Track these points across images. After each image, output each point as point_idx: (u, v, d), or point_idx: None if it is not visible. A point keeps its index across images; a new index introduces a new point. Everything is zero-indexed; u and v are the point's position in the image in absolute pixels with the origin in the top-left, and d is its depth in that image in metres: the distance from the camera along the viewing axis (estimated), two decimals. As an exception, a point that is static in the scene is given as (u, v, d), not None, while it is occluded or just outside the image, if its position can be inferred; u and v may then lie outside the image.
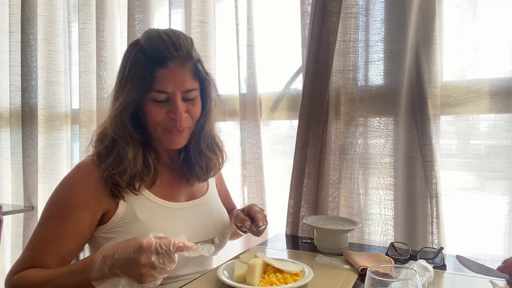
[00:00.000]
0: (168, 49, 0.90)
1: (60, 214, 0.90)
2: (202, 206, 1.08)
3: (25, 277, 0.86)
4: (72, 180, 0.95)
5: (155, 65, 0.90)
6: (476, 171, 1.30)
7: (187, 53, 0.93)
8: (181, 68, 0.93)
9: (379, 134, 1.38)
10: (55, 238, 0.88)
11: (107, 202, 0.94)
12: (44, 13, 2.13)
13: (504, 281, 0.84)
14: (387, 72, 1.37)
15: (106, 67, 1.95)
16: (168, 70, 0.91)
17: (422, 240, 1.30)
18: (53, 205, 0.93)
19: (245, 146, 1.65)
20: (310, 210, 1.45)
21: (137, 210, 0.95)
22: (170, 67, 0.91)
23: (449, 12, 1.32)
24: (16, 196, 2.29)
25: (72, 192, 0.92)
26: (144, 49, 0.92)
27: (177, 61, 0.92)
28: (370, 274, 0.60)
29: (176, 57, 0.91)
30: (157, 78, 0.91)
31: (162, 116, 0.94)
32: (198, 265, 1.04)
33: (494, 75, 1.26)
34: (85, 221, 0.91)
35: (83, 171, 0.95)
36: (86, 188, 0.92)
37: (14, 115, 2.28)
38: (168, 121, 0.95)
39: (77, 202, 0.91)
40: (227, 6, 1.70)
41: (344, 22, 1.40)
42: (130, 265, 0.74)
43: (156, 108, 0.93)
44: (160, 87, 0.91)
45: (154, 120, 0.94)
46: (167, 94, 0.92)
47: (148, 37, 0.94)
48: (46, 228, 0.90)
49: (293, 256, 1.11)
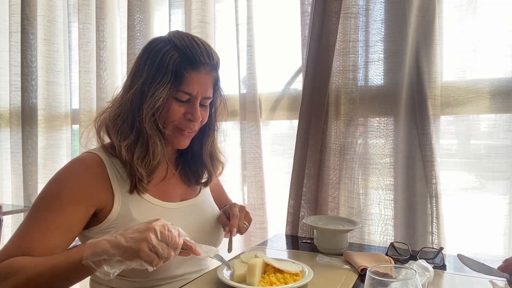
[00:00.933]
0: (203, 55, 0.95)
1: (50, 206, 0.88)
2: (195, 207, 1.08)
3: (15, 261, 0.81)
4: (66, 174, 0.93)
5: (188, 67, 0.94)
6: (476, 171, 1.30)
7: (216, 64, 0.99)
8: (208, 75, 0.98)
9: (379, 134, 1.38)
10: (44, 229, 0.86)
11: (102, 199, 0.92)
12: (44, 13, 2.13)
13: (504, 281, 0.84)
14: (387, 72, 1.37)
15: (106, 67, 1.95)
16: (199, 74, 0.95)
17: (422, 240, 1.30)
18: (44, 196, 0.90)
19: (245, 146, 1.65)
20: (310, 210, 1.45)
21: (132, 210, 0.94)
22: (201, 72, 0.96)
23: (449, 12, 1.32)
24: (16, 196, 2.29)
25: (65, 185, 0.90)
26: (178, 48, 0.94)
27: (207, 68, 0.97)
28: (370, 274, 0.60)
29: (208, 65, 0.96)
30: (187, 79, 0.94)
31: (179, 115, 0.97)
32: (194, 265, 1.05)
33: (494, 75, 1.26)
34: (76, 216, 0.89)
35: (81, 166, 0.94)
36: (81, 183, 0.91)
37: (14, 115, 2.28)
38: (183, 121, 0.98)
39: (70, 196, 0.89)
40: (227, 6, 1.70)
41: (344, 22, 1.40)
42: (139, 230, 0.78)
43: (176, 107, 0.96)
44: (187, 89, 0.94)
45: (171, 118, 0.96)
46: (190, 96, 0.96)
47: (181, 38, 0.96)
48: (35, 219, 0.87)
49: (293, 256, 1.11)
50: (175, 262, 0.96)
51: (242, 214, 1.08)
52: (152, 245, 0.76)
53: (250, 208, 1.63)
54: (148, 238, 0.76)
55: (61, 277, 0.79)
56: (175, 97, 0.95)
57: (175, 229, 0.81)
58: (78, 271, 0.78)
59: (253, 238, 1.63)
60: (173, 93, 0.94)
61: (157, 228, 0.78)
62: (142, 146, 0.94)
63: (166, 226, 0.79)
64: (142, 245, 0.75)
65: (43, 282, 0.79)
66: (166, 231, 0.79)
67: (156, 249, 0.76)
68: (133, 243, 0.76)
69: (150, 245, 0.76)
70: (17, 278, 0.78)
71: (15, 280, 0.78)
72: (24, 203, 2.19)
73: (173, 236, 0.79)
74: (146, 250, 0.75)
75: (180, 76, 0.93)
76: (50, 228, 0.86)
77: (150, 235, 0.76)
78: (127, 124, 0.95)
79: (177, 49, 0.94)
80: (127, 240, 0.77)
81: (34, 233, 0.85)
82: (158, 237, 0.77)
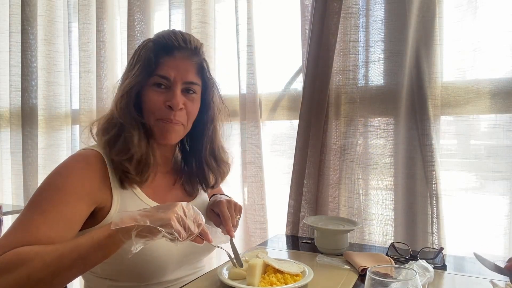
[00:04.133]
0: (177, 40, 0.95)
1: (54, 198, 0.84)
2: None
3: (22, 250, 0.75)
4: (69, 169, 0.90)
5: (162, 52, 0.95)
6: (476, 171, 1.30)
7: (195, 48, 0.98)
8: (186, 60, 0.96)
9: (379, 134, 1.38)
10: (50, 220, 0.81)
11: (102, 197, 0.90)
12: (44, 13, 2.13)
13: (505, 281, 0.84)
14: (387, 72, 1.37)
15: (106, 67, 1.95)
16: (174, 59, 0.95)
17: (422, 240, 1.30)
18: (46, 189, 0.86)
19: (245, 146, 1.64)
20: (310, 210, 1.45)
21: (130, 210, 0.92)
22: (176, 56, 0.95)
23: (449, 12, 1.32)
24: (16, 196, 2.29)
25: (69, 179, 0.87)
26: (154, 39, 0.97)
27: (184, 53, 0.96)
28: (370, 274, 0.60)
29: (184, 49, 0.96)
30: (161, 64, 0.94)
31: (159, 104, 0.94)
32: (190, 269, 1.04)
33: (494, 75, 1.26)
34: (79, 210, 0.86)
35: (83, 161, 0.91)
36: (84, 179, 0.88)
37: (14, 115, 2.28)
38: (164, 110, 0.95)
39: (73, 190, 0.86)
40: (227, 6, 1.70)
41: (344, 22, 1.40)
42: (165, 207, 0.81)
43: (155, 95, 0.95)
44: (162, 72, 0.94)
45: (151, 107, 0.95)
46: (167, 80, 0.94)
47: (162, 32, 0.99)
48: (38, 210, 0.82)
49: (293, 256, 1.11)
50: (171, 265, 0.96)
51: (231, 210, 1.03)
52: (181, 217, 0.78)
53: (250, 208, 1.63)
54: (176, 210, 0.79)
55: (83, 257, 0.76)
56: (153, 83, 0.94)
57: (195, 210, 0.84)
58: (102, 248, 0.76)
59: (253, 238, 1.63)
60: (149, 80, 0.94)
61: (183, 204, 0.81)
62: (122, 141, 0.93)
63: (190, 205, 0.83)
64: (171, 215, 0.77)
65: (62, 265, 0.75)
66: (191, 209, 0.82)
67: (184, 222, 0.78)
68: (163, 213, 0.78)
69: (179, 216, 0.78)
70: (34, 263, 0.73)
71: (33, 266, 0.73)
72: (24, 203, 2.19)
73: (196, 214, 0.82)
74: (175, 220, 0.77)
75: (154, 62, 0.94)
76: (55, 219, 0.82)
77: (177, 209, 0.79)
78: (109, 122, 0.96)
79: (153, 40, 0.97)
80: (156, 211, 0.79)
81: (39, 224, 0.80)
82: (184, 212, 0.80)
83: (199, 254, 1.05)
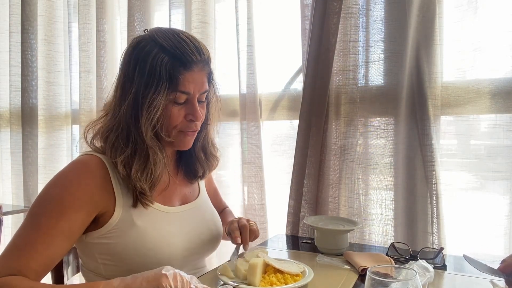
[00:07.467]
0: (193, 53, 0.91)
1: (52, 213, 0.84)
2: (195, 210, 1.07)
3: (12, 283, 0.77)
4: (68, 177, 0.89)
5: (181, 69, 0.90)
6: (477, 171, 1.30)
7: (207, 58, 0.96)
8: (201, 71, 0.95)
9: (379, 134, 1.38)
10: (44, 236, 0.82)
11: (104, 204, 0.90)
12: (44, 13, 2.13)
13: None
14: (387, 72, 1.37)
15: (106, 67, 1.95)
16: (193, 73, 0.92)
17: (422, 240, 1.30)
18: (45, 201, 0.86)
19: (245, 146, 1.64)
20: (311, 210, 1.45)
21: (134, 215, 0.92)
22: (194, 70, 0.92)
23: (449, 12, 1.32)
24: (16, 196, 2.28)
25: (67, 189, 0.86)
26: (167, 50, 0.90)
27: (199, 65, 0.93)
28: (370, 274, 0.60)
29: (200, 61, 0.93)
30: (181, 80, 0.91)
31: (181, 118, 0.95)
32: (191, 269, 1.03)
33: (495, 75, 1.26)
34: (77, 221, 0.86)
35: (83, 169, 0.91)
36: (84, 187, 0.88)
37: (14, 115, 2.28)
38: (185, 123, 0.96)
39: (72, 201, 0.85)
40: (227, 6, 1.70)
41: (344, 22, 1.40)
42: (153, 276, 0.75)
43: (175, 111, 0.93)
44: (184, 88, 0.92)
45: (174, 123, 0.94)
46: (188, 95, 0.93)
47: (167, 38, 0.91)
48: (35, 226, 0.83)
49: (293, 256, 1.11)
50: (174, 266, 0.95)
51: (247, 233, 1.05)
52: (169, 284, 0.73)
53: (250, 208, 1.63)
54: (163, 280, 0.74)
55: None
56: (173, 100, 0.92)
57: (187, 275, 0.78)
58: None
59: (253, 238, 1.63)
60: (171, 98, 0.91)
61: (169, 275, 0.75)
62: (140, 159, 0.91)
63: (178, 274, 0.76)
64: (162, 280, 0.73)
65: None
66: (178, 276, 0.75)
67: None
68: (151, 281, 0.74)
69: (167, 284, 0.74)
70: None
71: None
72: (24, 204, 2.19)
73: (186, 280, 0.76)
74: None
75: (175, 79, 0.90)
76: (52, 236, 0.83)
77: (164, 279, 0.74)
78: (121, 138, 0.92)
79: (165, 51, 0.90)
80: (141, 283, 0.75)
81: (36, 243, 0.82)
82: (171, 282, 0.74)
83: (202, 255, 1.06)
